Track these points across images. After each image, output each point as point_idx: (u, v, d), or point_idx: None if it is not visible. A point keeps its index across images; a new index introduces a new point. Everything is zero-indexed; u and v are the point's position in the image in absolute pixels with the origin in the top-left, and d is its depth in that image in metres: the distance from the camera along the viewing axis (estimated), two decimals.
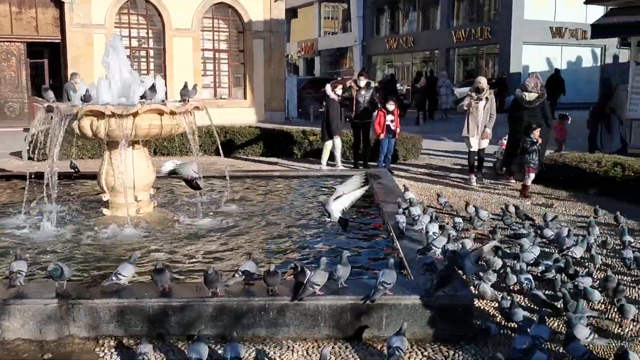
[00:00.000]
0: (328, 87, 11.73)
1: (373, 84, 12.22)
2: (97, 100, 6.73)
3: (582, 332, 4.06)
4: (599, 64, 31.52)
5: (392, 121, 11.20)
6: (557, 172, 9.88)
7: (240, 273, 4.51)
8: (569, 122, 12.69)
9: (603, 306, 4.99)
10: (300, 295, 4.27)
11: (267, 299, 4.34)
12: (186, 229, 6.80)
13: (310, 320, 4.35)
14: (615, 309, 4.77)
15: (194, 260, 5.74)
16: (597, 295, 4.92)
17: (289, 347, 4.25)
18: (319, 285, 4.32)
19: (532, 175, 9.25)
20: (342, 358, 4.10)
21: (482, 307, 4.92)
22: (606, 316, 4.81)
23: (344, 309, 4.35)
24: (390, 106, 11.18)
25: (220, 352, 4.04)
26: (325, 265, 4.40)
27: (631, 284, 5.52)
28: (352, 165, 11.74)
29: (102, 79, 7.01)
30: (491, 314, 4.83)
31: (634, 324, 4.65)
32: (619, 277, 5.49)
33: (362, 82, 11.71)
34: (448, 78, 25.16)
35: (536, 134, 9.11)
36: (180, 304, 4.36)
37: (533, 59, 29.12)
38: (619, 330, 4.59)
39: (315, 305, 4.34)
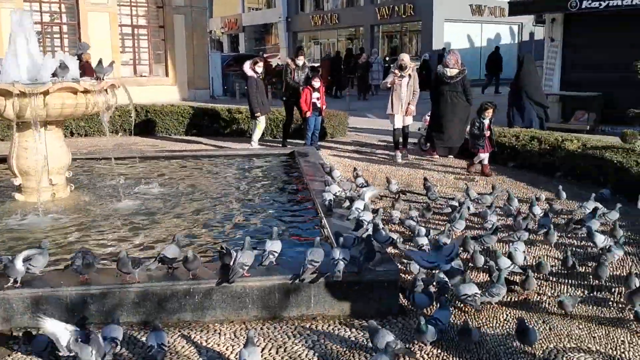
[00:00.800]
0: (247, 65, 11.41)
1: (308, 65, 12.07)
2: (3, 78, 6.31)
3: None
4: (516, 41, 32.60)
5: (318, 99, 11.15)
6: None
7: (162, 257, 4.36)
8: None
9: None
10: (231, 278, 4.17)
11: (192, 283, 4.23)
12: (105, 213, 6.53)
13: (238, 302, 4.27)
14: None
15: (113, 245, 5.51)
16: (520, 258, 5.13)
17: (215, 330, 4.16)
18: (247, 265, 4.24)
19: (483, 155, 9.15)
20: (270, 339, 4.05)
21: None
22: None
23: (272, 290, 4.29)
24: (316, 83, 11.13)
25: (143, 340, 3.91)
26: (250, 244, 4.33)
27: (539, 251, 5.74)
28: (281, 145, 11.61)
29: (8, 55, 6.56)
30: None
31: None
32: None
33: (301, 61, 11.53)
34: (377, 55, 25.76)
35: (488, 114, 9.05)
36: (100, 291, 4.18)
37: (455, 36, 29.74)
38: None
39: (242, 287, 4.26)
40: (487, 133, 9.04)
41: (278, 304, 4.30)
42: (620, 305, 4.56)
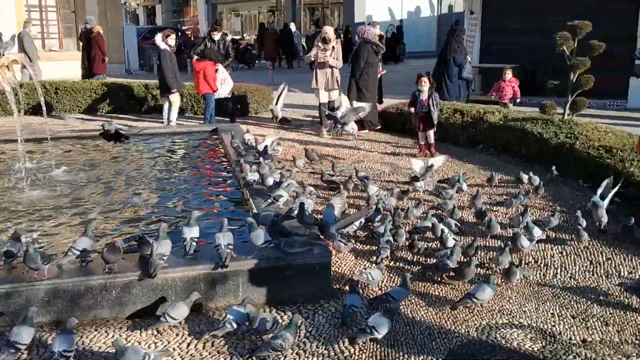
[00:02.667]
0: (158, 37, 10.73)
1: (229, 37, 11.54)
2: None
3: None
4: (436, 13, 32.96)
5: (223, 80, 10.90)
6: (404, 120, 10.09)
7: (74, 251, 4.00)
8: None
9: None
10: (152, 272, 3.88)
11: (108, 277, 3.90)
12: (8, 202, 6.00)
13: (160, 295, 3.98)
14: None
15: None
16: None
17: (136, 326, 3.87)
18: (166, 255, 3.96)
19: (421, 134, 8.68)
20: (196, 332, 3.81)
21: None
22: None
23: (197, 280, 4.03)
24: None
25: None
26: (165, 232, 4.04)
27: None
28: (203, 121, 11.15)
29: None
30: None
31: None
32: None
33: (217, 36, 10.97)
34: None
35: (423, 81, 8.49)
36: (5, 290, 3.79)
37: (376, 9, 29.69)
38: None
39: (164, 279, 3.98)
40: (412, 109, 8.67)
41: (204, 295, 4.05)
42: (547, 280, 4.61)
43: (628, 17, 12.58)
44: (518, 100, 11.21)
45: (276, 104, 10.53)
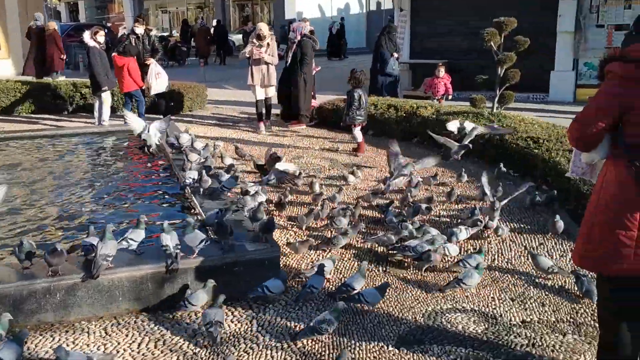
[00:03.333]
0: (87, 35, 10.36)
1: (154, 32, 11.26)
2: None
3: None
4: (364, 10, 33.44)
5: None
6: (339, 115, 10.20)
7: (16, 254, 3.86)
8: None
9: None
10: (95, 273, 3.79)
11: (52, 280, 3.79)
12: None
13: (107, 297, 3.91)
14: None
15: None
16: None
17: (83, 329, 3.79)
18: (111, 256, 3.88)
19: (355, 130, 8.60)
20: (147, 332, 3.76)
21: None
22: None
23: (144, 279, 3.98)
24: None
25: None
26: (111, 233, 3.97)
27: None
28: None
29: None
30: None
31: None
32: None
33: (139, 29, 10.62)
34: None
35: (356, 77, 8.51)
36: None
37: (306, 5, 29.82)
38: None
39: (110, 280, 3.90)
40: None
41: (152, 294, 4.00)
42: (487, 265, 4.81)
43: (548, 14, 13.18)
44: (450, 96, 11.57)
45: (148, 131, 7.58)
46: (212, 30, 25.98)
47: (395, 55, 12.04)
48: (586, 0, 12.91)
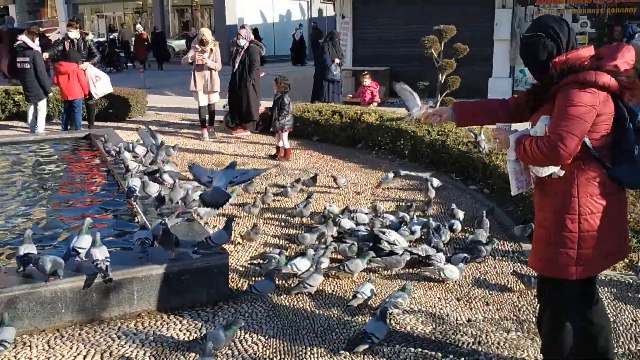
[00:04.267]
0: (26, 38, 10.01)
1: (91, 38, 10.90)
2: None
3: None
4: (306, 17, 33.60)
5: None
6: None
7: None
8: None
9: None
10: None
11: None
12: None
13: (49, 309, 3.78)
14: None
15: None
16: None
17: (25, 343, 3.64)
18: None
19: (284, 135, 8.59)
20: (92, 344, 3.65)
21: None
22: None
23: (89, 290, 3.86)
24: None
25: None
26: (30, 238, 3.92)
27: None
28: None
29: None
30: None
31: None
32: None
33: (73, 34, 10.20)
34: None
35: (274, 86, 8.62)
36: None
37: (248, 11, 29.71)
38: None
39: (52, 291, 3.77)
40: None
41: (97, 305, 3.90)
42: (432, 268, 4.91)
43: (486, 23, 13.63)
44: (375, 103, 11.76)
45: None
46: (149, 36, 25.72)
47: (337, 60, 12.18)
48: (521, 10, 13.43)
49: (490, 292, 4.47)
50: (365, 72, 12.53)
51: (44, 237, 5.04)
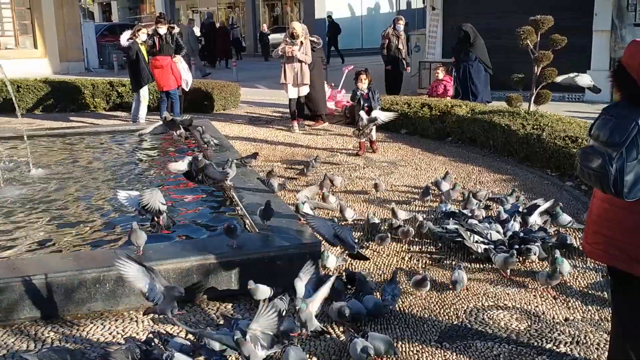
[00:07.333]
0: (123, 37, 10.57)
1: (176, 30, 11.31)
2: None
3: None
4: (394, 10, 33.36)
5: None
6: None
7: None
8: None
9: None
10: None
11: (102, 270, 3.90)
12: None
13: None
14: None
15: (5, 237, 4.99)
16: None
17: (132, 318, 3.89)
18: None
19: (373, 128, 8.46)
20: (189, 325, 3.84)
21: None
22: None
23: (190, 271, 4.07)
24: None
25: None
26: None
27: None
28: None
29: None
30: None
31: None
32: None
33: (162, 29, 10.62)
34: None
35: (361, 79, 8.52)
36: None
37: (336, 4, 29.88)
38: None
39: (158, 271, 3.99)
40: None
41: (197, 285, 4.09)
42: (528, 265, 4.79)
43: (585, 11, 13.01)
44: (448, 98, 11.38)
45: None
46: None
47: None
48: None
49: (590, 291, 4.31)
50: (439, 64, 12.26)
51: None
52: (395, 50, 12.49)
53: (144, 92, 10.61)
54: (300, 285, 3.84)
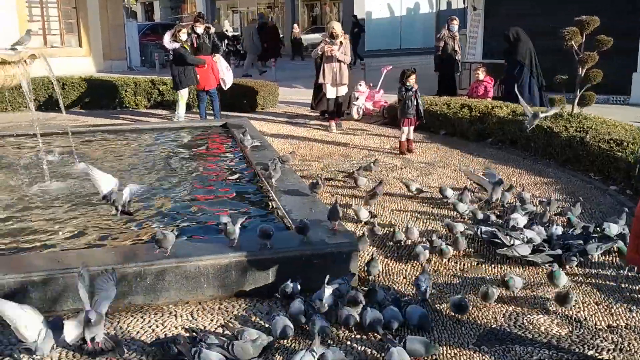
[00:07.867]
0: (166, 38, 10.64)
1: (212, 29, 11.40)
2: None
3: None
4: (434, 10, 33.08)
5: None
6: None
7: None
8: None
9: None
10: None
11: (142, 264, 3.97)
12: (34, 196, 6.06)
13: (193, 282, 4.06)
14: None
15: (51, 230, 5.12)
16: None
17: (171, 312, 3.95)
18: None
19: (406, 129, 8.54)
20: (231, 317, 3.88)
21: None
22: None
23: (229, 267, 4.11)
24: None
25: None
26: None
27: None
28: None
29: None
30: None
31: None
32: None
33: (200, 29, 10.72)
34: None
35: (411, 80, 8.40)
36: (42, 277, 3.85)
37: (375, 5, 29.79)
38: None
39: (196, 266, 4.06)
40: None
41: (235, 282, 4.13)
42: (570, 268, 4.69)
43: (631, 13, 12.68)
44: (489, 98, 11.15)
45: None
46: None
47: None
48: None
49: (635, 297, 4.20)
50: (480, 65, 12.07)
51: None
52: (452, 51, 12.36)
53: (184, 91, 10.75)
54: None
